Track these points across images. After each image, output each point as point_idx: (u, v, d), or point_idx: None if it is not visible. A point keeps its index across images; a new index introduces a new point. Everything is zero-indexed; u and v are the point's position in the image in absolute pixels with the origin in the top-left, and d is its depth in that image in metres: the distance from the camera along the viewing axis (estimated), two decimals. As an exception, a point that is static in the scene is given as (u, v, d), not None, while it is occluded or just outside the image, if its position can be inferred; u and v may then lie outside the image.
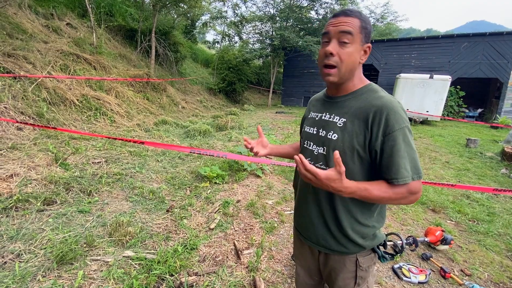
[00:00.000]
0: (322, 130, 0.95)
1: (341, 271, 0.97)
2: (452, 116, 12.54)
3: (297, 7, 14.71)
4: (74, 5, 7.85)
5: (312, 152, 0.97)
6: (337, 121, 0.91)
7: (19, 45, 5.03)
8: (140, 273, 1.81)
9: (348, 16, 0.84)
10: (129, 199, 2.87)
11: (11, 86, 4.20)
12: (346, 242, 0.93)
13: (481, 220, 3.03)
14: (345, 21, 0.84)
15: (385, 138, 0.81)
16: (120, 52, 8.73)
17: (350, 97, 0.92)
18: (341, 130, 0.89)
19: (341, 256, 0.97)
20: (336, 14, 0.87)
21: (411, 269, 2.07)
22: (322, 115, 0.98)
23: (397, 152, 0.80)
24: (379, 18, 21.43)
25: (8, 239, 1.99)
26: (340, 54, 0.84)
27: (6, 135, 3.52)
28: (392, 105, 0.82)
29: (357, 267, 0.96)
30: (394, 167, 0.80)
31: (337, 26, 0.84)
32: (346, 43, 0.84)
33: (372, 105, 0.85)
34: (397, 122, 0.80)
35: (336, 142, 0.89)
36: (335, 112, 0.94)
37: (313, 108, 1.08)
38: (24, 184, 2.68)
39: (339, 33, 0.84)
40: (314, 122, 1.01)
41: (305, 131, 1.05)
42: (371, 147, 0.84)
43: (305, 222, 1.03)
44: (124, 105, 6.39)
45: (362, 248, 0.94)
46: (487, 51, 11.90)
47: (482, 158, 5.64)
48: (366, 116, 0.84)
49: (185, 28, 15.22)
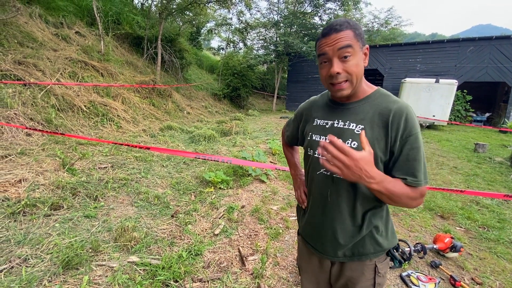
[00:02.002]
0: (338, 138, 0.92)
1: (360, 280, 0.96)
2: (459, 120, 12.38)
3: (301, 13, 14.86)
4: (83, 14, 8.06)
5: None
6: (354, 128, 0.88)
7: (30, 53, 5.17)
8: (144, 279, 1.80)
9: (340, 32, 0.81)
10: (134, 204, 2.88)
11: (21, 93, 4.31)
12: (367, 246, 0.93)
13: (491, 226, 2.95)
14: (339, 37, 0.81)
15: (403, 141, 0.83)
16: (127, 59, 8.89)
17: (363, 102, 0.90)
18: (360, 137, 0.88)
19: (360, 263, 0.95)
20: (326, 32, 0.83)
21: (419, 277, 2.03)
22: (334, 122, 0.94)
23: (415, 155, 0.82)
24: (383, 23, 21.45)
25: (16, 243, 2.01)
26: (346, 69, 0.82)
27: (15, 141, 3.59)
28: (408, 109, 0.84)
29: (375, 273, 0.96)
30: (412, 169, 0.82)
31: (333, 44, 0.81)
32: (348, 57, 0.82)
33: (389, 109, 0.85)
34: (413, 127, 0.82)
35: (357, 150, 0.86)
36: (349, 119, 0.90)
37: (316, 115, 1.02)
38: (32, 189, 2.72)
39: (338, 50, 0.81)
40: (324, 130, 0.96)
41: (313, 140, 0.99)
42: (390, 150, 0.85)
43: (319, 234, 0.99)
44: (130, 111, 6.48)
45: (381, 250, 0.95)
46: (493, 54, 11.77)
47: (491, 163, 5.53)
48: (386, 121, 0.84)
49: (190, 35, 15.46)
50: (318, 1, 14.52)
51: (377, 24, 21.56)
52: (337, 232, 0.94)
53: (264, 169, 4.04)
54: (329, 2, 14.60)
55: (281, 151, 5.37)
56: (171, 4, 9.68)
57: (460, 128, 11.22)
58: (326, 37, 0.83)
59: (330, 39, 0.82)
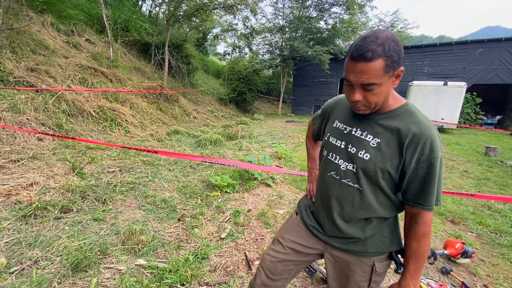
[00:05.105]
0: (352, 147, 0.91)
1: (356, 272, 0.98)
2: (469, 123, 12.14)
3: (306, 18, 14.91)
4: (93, 22, 8.28)
5: (339, 167, 0.94)
6: (370, 140, 0.88)
7: (42, 60, 5.33)
8: (152, 282, 1.81)
9: (369, 62, 0.72)
10: (141, 207, 2.91)
11: (33, 99, 4.43)
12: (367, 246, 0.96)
13: (504, 232, 2.87)
14: (365, 71, 0.74)
15: (418, 165, 0.81)
16: (135, 65, 9.07)
17: (384, 116, 0.88)
18: (375, 150, 0.86)
19: (359, 258, 0.98)
20: (355, 57, 0.74)
21: (430, 283, 1.98)
22: (352, 129, 0.93)
23: (430, 181, 0.81)
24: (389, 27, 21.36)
25: (27, 245, 2.05)
26: (367, 98, 0.80)
27: (27, 146, 3.68)
28: (430, 132, 0.80)
29: (372, 271, 0.96)
30: (423, 194, 0.82)
31: (358, 78, 0.76)
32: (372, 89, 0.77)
33: (409, 129, 0.82)
34: (432, 151, 0.80)
35: (368, 162, 0.86)
36: (367, 130, 0.89)
37: (338, 116, 1.01)
38: (43, 192, 2.78)
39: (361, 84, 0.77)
40: (341, 135, 0.96)
41: (330, 142, 0.99)
42: (402, 169, 0.85)
43: (323, 226, 1.04)
44: (138, 116, 6.58)
45: (381, 252, 0.96)
46: (503, 56, 11.57)
47: (503, 167, 5.40)
48: (402, 140, 0.82)
49: (197, 41, 15.70)
50: (323, 6, 14.57)
51: (383, 27, 21.48)
52: (340, 229, 0.97)
53: (270, 173, 4.04)
54: (334, 6, 14.63)
55: (287, 155, 5.35)
56: (178, 11, 9.87)
57: (470, 131, 11.01)
58: (354, 62, 0.76)
59: (357, 68, 0.75)
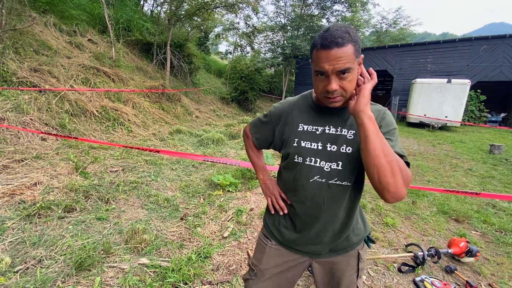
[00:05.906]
0: (331, 145, 0.91)
1: (346, 269, 1.03)
2: (473, 121, 12.03)
3: (308, 16, 14.84)
4: (95, 22, 8.31)
5: (322, 169, 0.91)
6: (346, 134, 0.91)
7: (45, 60, 5.36)
8: (154, 281, 1.82)
9: (342, 46, 0.74)
10: (144, 207, 2.92)
11: (36, 99, 4.46)
12: (351, 238, 1.01)
13: (509, 230, 2.84)
14: (341, 56, 0.74)
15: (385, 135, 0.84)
16: (137, 64, 9.09)
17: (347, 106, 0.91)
18: (353, 142, 0.89)
19: (346, 255, 1.03)
20: (326, 45, 0.75)
21: (434, 282, 1.96)
22: (325, 128, 0.93)
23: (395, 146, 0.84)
24: (392, 24, 21.21)
25: (31, 245, 2.07)
26: (342, 86, 0.80)
27: (31, 145, 3.71)
28: (385, 109, 0.94)
29: (358, 260, 1.04)
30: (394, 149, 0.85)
31: (334, 65, 0.76)
32: (347, 75, 0.78)
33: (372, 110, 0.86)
34: (392, 123, 0.90)
35: (352, 154, 0.89)
36: (340, 125, 0.92)
37: (300, 119, 0.98)
38: (46, 192, 2.80)
39: (337, 71, 0.77)
40: (315, 136, 0.94)
41: (303, 147, 0.94)
42: None
43: (308, 238, 0.99)
44: (141, 115, 6.60)
45: (361, 238, 1.04)
46: (508, 53, 11.44)
47: (507, 165, 5.34)
48: None
49: (198, 40, 15.67)
50: (325, 3, 14.49)
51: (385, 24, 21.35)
52: (329, 234, 0.98)
53: (272, 172, 4.03)
54: (336, 4, 14.54)
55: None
56: (180, 11, 9.87)
57: (474, 129, 10.91)
58: (326, 50, 0.75)
59: (330, 56, 0.75)
